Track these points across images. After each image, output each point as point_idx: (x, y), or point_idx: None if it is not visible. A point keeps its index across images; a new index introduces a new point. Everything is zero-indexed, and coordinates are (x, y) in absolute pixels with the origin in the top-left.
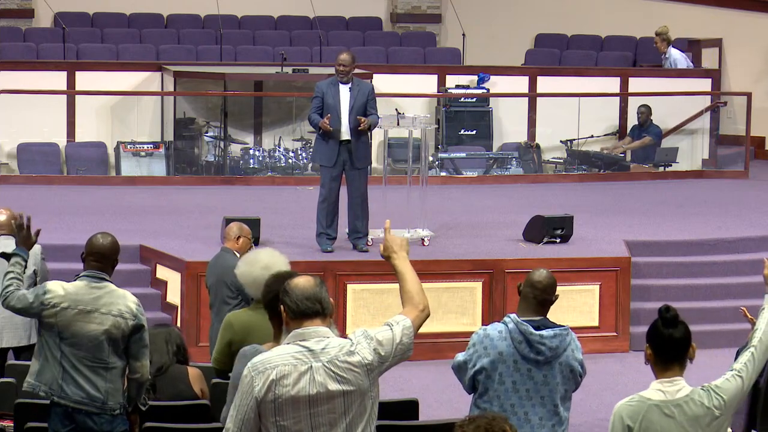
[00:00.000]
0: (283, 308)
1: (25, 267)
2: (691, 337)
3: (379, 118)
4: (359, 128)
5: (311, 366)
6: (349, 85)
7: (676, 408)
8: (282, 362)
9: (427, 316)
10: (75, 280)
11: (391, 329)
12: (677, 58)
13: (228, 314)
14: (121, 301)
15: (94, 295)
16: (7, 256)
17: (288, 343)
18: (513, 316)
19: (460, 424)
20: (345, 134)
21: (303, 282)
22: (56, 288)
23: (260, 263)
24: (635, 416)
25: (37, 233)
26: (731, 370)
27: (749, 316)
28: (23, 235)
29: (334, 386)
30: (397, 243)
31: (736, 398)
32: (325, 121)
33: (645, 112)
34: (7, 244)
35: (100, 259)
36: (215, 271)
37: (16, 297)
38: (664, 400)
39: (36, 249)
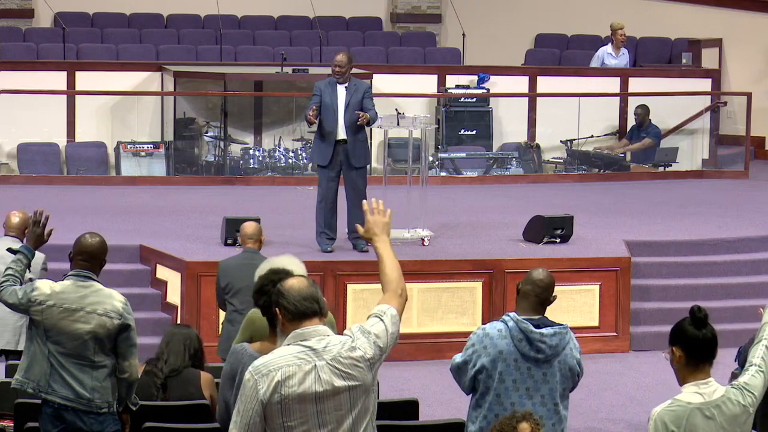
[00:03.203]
0: (278, 311)
1: (28, 266)
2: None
3: (376, 114)
4: (358, 122)
5: (315, 365)
6: (346, 84)
7: (715, 409)
8: (286, 363)
9: (406, 299)
10: (63, 279)
11: (382, 320)
12: (626, 63)
13: (251, 311)
14: (107, 300)
15: (80, 294)
16: (14, 252)
17: (289, 344)
18: (513, 314)
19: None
20: (341, 134)
21: (297, 283)
22: (43, 286)
23: (272, 265)
24: (678, 421)
25: (50, 233)
26: (752, 366)
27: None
28: (36, 231)
29: (339, 383)
30: (379, 225)
31: (762, 393)
32: (310, 114)
33: (641, 113)
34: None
35: (88, 259)
36: (246, 274)
37: (9, 292)
38: (704, 402)
39: (38, 258)
